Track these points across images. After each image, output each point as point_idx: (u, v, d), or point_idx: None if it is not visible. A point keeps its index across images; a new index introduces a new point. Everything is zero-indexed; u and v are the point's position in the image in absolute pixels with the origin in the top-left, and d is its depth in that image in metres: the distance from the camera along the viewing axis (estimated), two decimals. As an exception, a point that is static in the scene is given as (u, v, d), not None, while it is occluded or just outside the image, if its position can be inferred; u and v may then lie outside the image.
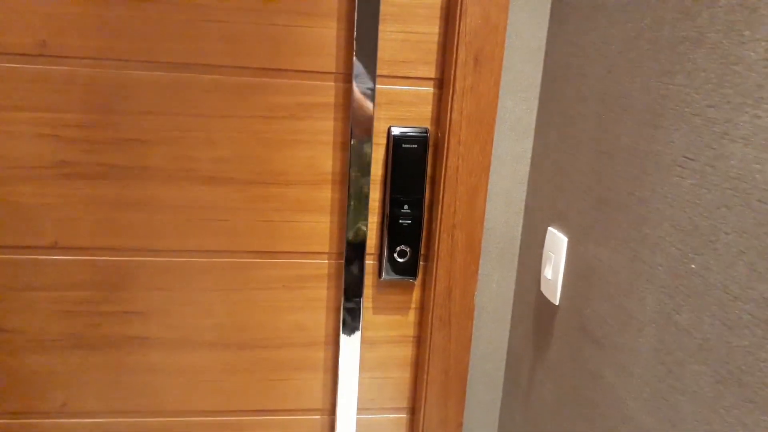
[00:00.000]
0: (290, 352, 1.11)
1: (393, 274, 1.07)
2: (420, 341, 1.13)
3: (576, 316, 0.83)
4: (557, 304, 0.89)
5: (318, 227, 1.05)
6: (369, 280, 1.09)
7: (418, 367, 1.14)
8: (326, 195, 1.03)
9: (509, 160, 1.01)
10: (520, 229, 1.04)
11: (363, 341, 1.11)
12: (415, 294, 1.11)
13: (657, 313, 0.64)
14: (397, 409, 1.17)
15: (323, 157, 1.02)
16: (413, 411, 1.17)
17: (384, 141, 1.03)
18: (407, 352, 1.14)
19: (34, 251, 1.00)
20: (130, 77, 0.95)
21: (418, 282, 1.10)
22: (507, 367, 1.11)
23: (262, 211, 1.03)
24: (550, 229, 0.92)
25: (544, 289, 0.93)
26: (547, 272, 0.90)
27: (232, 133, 0.99)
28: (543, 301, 0.95)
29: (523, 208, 1.03)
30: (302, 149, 1.01)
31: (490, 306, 1.08)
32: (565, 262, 0.86)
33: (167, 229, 1.02)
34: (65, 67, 0.93)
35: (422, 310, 1.11)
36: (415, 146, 1.01)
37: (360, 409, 1.15)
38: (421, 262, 1.07)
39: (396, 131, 1.00)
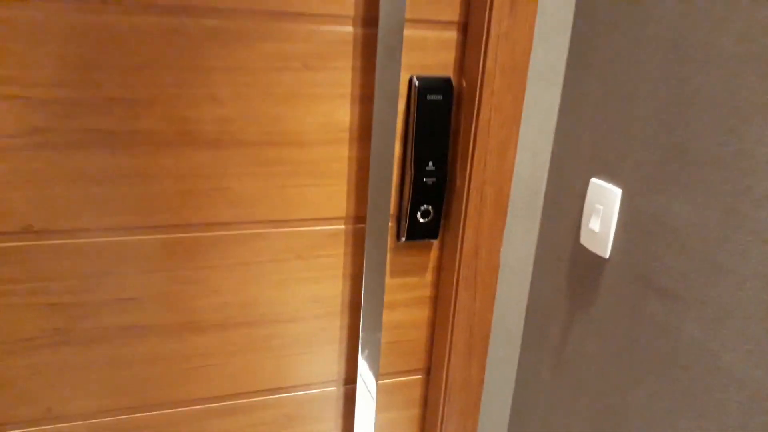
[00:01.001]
0: (305, 325, 1.02)
1: (414, 235, 1.00)
2: (437, 301, 1.08)
3: (636, 270, 0.81)
4: (607, 257, 0.87)
5: (335, 190, 0.95)
6: (388, 243, 1.01)
7: (435, 327, 1.10)
8: (344, 154, 0.94)
9: (536, 110, 0.96)
10: (545, 181, 1.01)
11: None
12: (433, 254, 1.05)
13: (763, 266, 0.63)
14: (412, 371, 1.13)
15: (341, 113, 0.91)
16: (428, 371, 1.14)
17: (405, 92, 0.94)
18: (423, 313, 1.09)
19: (2, 238, 0.83)
20: (115, 23, 0.78)
21: (437, 241, 1.04)
22: (528, 323, 1.10)
23: (273, 176, 0.91)
24: (594, 180, 0.89)
25: (586, 241, 0.90)
26: (593, 225, 0.88)
27: (238, 88, 0.85)
28: (584, 255, 0.93)
29: (548, 159, 1.00)
30: (318, 104, 0.90)
31: (512, 261, 1.05)
32: (619, 214, 0.84)
33: (164, 202, 0.88)
34: (34, 12, 0.75)
35: (440, 270, 1.06)
36: (440, 97, 0.93)
37: (378, 374, 1.10)
38: (441, 221, 1.01)
39: (419, 81, 0.92)
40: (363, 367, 1.06)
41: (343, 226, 0.98)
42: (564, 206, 0.97)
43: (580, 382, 0.96)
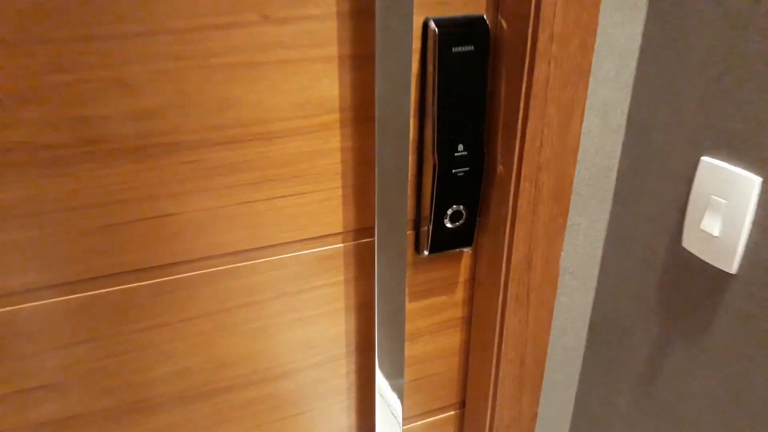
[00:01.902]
0: (299, 378, 0.74)
1: (441, 246, 0.71)
2: (473, 322, 0.81)
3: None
4: (733, 272, 0.59)
5: (325, 198, 0.65)
6: (406, 258, 0.73)
7: (471, 353, 0.83)
8: (335, 145, 0.63)
9: (608, 56, 0.66)
10: (618, 155, 0.72)
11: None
12: (465, 263, 0.77)
13: None
14: (443, 408, 0.87)
15: (325, 85, 0.60)
16: (462, 404, 0.88)
17: (419, 45, 0.62)
18: (454, 338, 0.82)
19: None
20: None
21: (469, 248, 0.75)
22: (593, 340, 0.83)
23: (232, 189, 0.61)
24: (707, 160, 0.60)
25: (694, 246, 0.63)
26: (709, 225, 0.60)
27: (159, 64, 0.54)
28: (691, 264, 0.66)
29: (624, 123, 0.70)
30: (289, 75, 0.58)
31: (571, 263, 0.77)
32: (757, 213, 0.56)
33: (72, 247, 0.57)
34: None
35: (475, 283, 0.79)
36: (470, 48, 0.62)
37: (402, 419, 0.84)
38: (477, 223, 0.72)
39: (439, 26, 0.60)
40: (382, 417, 0.79)
41: (341, 245, 0.69)
42: (652, 192, 0.69)
43: (679, 424, 0.71)
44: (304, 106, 0.60)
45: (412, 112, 0.65)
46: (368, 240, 0.70)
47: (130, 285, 0.61)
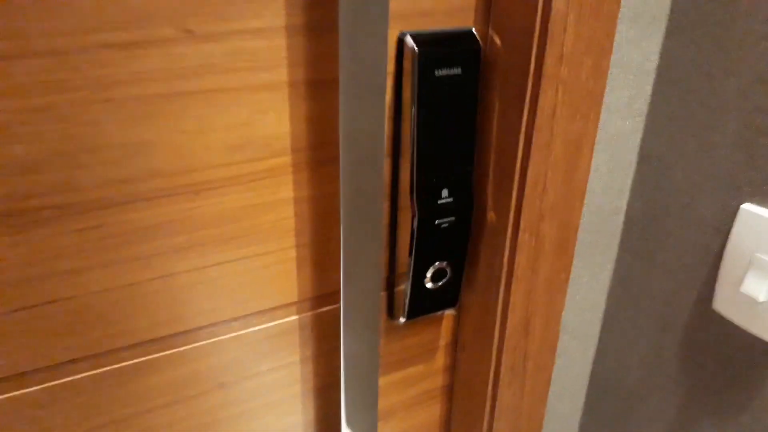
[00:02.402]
0: (245, 480, 0.59)
1: (420, 310, 0.58)
2: (456, 391, 0.68)
3: None
4: (784, 346, 0.49)
5: (273, 262, 0.51)
6: (378, 326, 0.59)
7: (454, 429, 0.70)
8: (284, 195, 0.49)
9: (620, 79, 0.54)
10: (626, 197, 0.60)
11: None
12: (446, 325, 0.64)
13: None
14: (419, 490, 0.74)
15: (271, 120, 0.46)
16: (441, 482, 0.75)
17: (393, 67, 0.49)
18: (434, 412, 0.69)
19: None
20: None
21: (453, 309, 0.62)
22: (593, 408, 0.71)
23: (144, 261, 0.45)
24: (749, 208, 0.49)
25: (731, 311, 0.52)
26: (754, 288, 0.49)
27: (37, 99, 0.38)
28: (728, 332, 0.54)
29: (635, 160, 0.59)
30: (221, 108, 0.43)
31: (571, 324, 0.65)
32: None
33: None
34: None
35: (458, 347, 0.65)
36: (457, 71, 0.49)
37: None
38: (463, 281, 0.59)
39: (418, 43, 0.47)
40: None
41: (296, 317, 0.54)
42: (672, 241, 0.57)
43: None
44: (244, 148, 0.45)
45: (386, 152, 0.51)
46: (330, 308, 0.55)
47: (10, 394, 0.45)
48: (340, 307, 0.53)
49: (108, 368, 0.48)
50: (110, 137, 0.41)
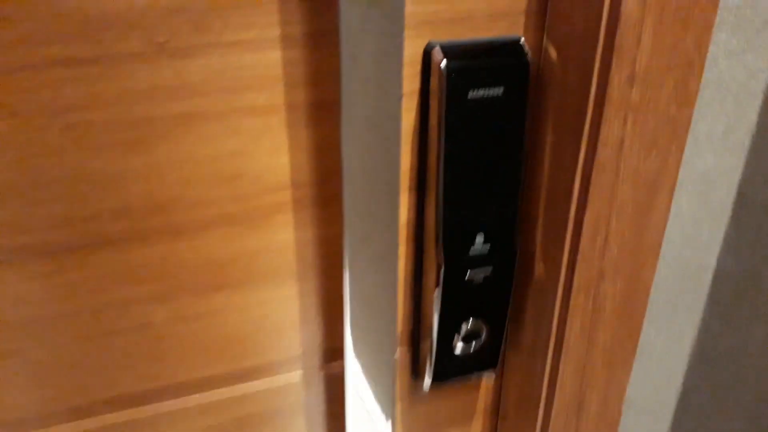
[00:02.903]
0: None
1: (447, 373, 0.48)
2: (495, 463, 0.58)
3: None
4: None
5: (268, 313, 0.43)
6: (396, 388, 0.50)
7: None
8: (283, 237, 0.41)
9: (714, 105, 0.43)
10: (717, 252, 0.48)
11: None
12: (485, 388, 0.54)
13: None
14: None
15: (265, 149, 0.38)
16: None
17: (417, 85, 0.40)
18: (469, 481, 0.59)
19: None
20: None
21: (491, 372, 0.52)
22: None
23: (117, 311, 0.39)
24: None
25: None
26: None
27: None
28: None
29: (731, 205, 0.47)
30: (206, 136, 0.36)
31: (639, 397, 0.54)
32: None
33: None
34: None
35: (496, 413, 0.55)
36: (499, 91, 0.39)
37: None
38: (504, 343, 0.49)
39: (446, 55, 0.38)
40: None
41: (300, 371, 0.46)
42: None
43: None
44: (233, 182, 0.38)
45: (407, 184, 0.42)
46: (335, 364, 0.47)
47: (-36, 449, 0.40)
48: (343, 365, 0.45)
49: (89, 424, 0.42)
50: (69, 170, 0.34)
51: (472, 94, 0.39)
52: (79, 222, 0.36)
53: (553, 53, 0.40)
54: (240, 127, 0.37)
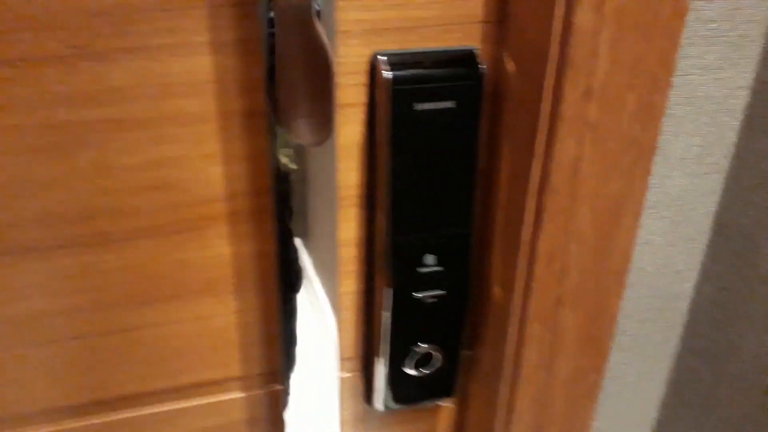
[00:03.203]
0: None
1: (401, 398, 0.46)
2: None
3: None
4: None
5: (206, 328, 0.41)
6: (346, 411, 0.48)
7: None
8: (218, 250, 0.39)
9: (687, 122, 0.39)
10: (694, 279, 0.45)
11: None
12: (443, 419, 0.51)
13: None
14: None
15: (194, 157, 0.36)
16: None
17: (363, 98, 0.37)
18: None
19: None
20: None
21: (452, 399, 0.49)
22: None
23: (39, 321, 0.37)
24: None
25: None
26: None
27: None
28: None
29: (708, 231, 0.43)
30: (131, 142, 0.34)
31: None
32: None
33: None
34: None
35: (461, 439, 0.53)
36: (450, 105, 0.37)
37: None
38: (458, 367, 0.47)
39: (392, 66, 0.35)
40: None
41: (241, 394, 0.44)
42: (755, 342, 0.42)
43: None
44: (162, 192, 0.36)
45: (354, 201, 0.40)
46: (279, 387, 0.45)
47: None
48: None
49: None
50: (-20, 172, 0.33)
51: (420, 106, 0.36)
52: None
53: (511, 66, 0.37)
54: (169, 136, 0.35)
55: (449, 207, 0.40)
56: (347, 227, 0.40)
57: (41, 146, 0.33)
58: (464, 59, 0.37)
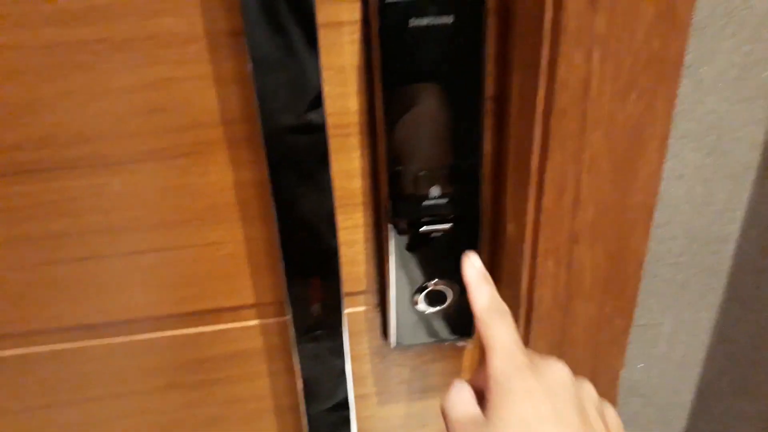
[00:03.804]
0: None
1: (415, 336, 0.45)
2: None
3: None
4: None
5: (217, 255, 0.42)
6: (364, 345, 0.48)
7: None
8: (220, 176, 0.39)
9: (726, 29, 0.34)
10: (740, 220, 0.40)
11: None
12: (467, 359, 0.50)
13: None
14: None
15: (187, 84, 0.36)
16: None
17: (357, 15, 0.35)
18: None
19: None
20: None
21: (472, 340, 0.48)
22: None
23: (52, 241, 0.39)
24: None
25: None
26: None
27: None
28: None
29: (757, 163, 0.38)
30: (118, 64, 0.35)
31: (648, 385, 0.47)
32: None
33: None
34: None
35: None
36: (449, 20, 0.34)
37: None
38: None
39: (388, -21, 0.33)
40: None
41: (257, 322, 0.45)
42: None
43: None
44: (155, 115, 0.36)
45: (357, 128, 0.38)
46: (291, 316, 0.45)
47: None
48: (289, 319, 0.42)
49: (35, 349, 0.43)
50: (-12, 96, 0.34)
51: (415, 22, 0.34)
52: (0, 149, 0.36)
53: (516, -27, 0.34)
54: (159, 56, 0.35)
55: (454, 136, 0.37)
56: (347, 157, 0.39)
57: (32, 67, 0.34)
58: (466, -31, 0.34)
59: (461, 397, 0.33)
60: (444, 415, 0.34)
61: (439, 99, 0.36)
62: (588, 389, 0.33)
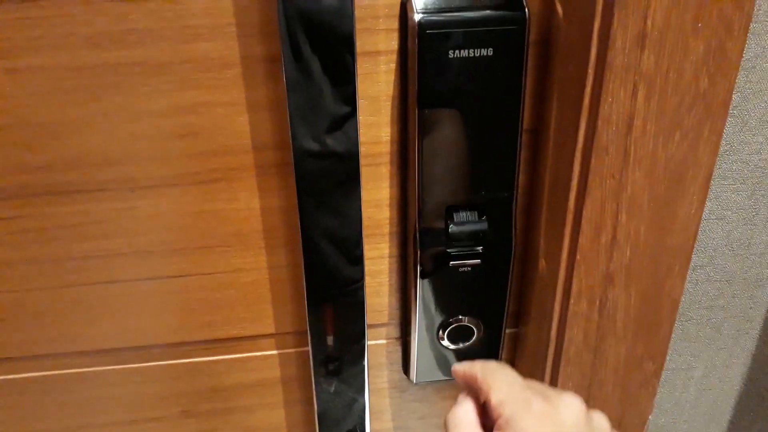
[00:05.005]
0: None
1: (437, 372, 0.44)
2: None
3: None
4: None
5: (240, 280, 0.41)
6: (384, 379, 0.46)
7: None
8: (247, 203, 0.38)
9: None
10: (782, 260, 0.39)
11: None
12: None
13: None
14: None
15: (220, 109, 0.35)
16: None
17: (394, 44, 0.35)
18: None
19: None
20: None
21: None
22: None
23: (75, 263, 0.38)
24: None
25: None
26: None
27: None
28: None
29: (799, 206, 0.37)
30: (154, 88, 0.34)
31: (677, 430, 0.45)
32: None
33: None
34: None
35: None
36: (489, 52, 0.33)
37: None
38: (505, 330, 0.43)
39: (422, 9, 0.32)
40: None
41: (275, 352, 0.44)
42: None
43: None
44: (186, 140, 0.36)
45: (388, 157, 0.38)
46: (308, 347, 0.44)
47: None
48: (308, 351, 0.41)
49: (53, 372, 0.43)
50: (15, 117, 0.34)
51: (455, 54, 0.33)
52: (31, 170, 0.35)
53: (557, 8, 0.33)
54: (193, 81, 0.34)
55: (489, 168, 0.36)
56: (377, 186, 0.38)
57: (67, 88, 0.33)
58: (505, 1, 0.33)
59: (468, 420, 0.31)
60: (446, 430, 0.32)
61: (475, 130, 0.35)
62: (598, 419, 0.31)
